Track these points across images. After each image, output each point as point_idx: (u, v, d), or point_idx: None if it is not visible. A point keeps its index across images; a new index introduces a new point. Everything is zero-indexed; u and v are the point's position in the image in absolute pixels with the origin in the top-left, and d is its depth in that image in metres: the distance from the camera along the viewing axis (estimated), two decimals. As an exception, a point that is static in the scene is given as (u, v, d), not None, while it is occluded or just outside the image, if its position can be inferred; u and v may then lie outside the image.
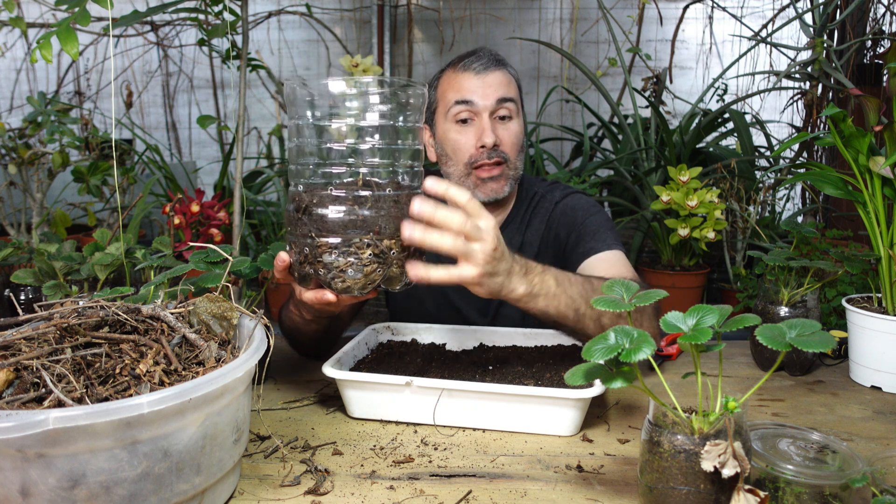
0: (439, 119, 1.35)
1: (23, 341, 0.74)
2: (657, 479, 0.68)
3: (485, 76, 1.30)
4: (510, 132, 1.32)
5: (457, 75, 1.33)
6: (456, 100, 1.30)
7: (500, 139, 1.30)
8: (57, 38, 1.02)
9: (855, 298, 1.25)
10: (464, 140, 1.31)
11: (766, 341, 0.66)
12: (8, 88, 3.71)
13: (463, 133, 1.31)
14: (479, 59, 1.31)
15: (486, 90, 1.29)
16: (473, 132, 1.30)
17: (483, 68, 1.31)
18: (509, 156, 1.31)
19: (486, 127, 1.28)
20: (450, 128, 1.32)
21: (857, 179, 1.19)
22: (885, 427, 1.00)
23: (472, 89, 1.30)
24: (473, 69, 1.31)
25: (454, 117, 1.31)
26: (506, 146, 1.31)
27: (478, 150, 1.30)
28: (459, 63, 1.34)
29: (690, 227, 2.31)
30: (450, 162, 1.34)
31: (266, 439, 0.94)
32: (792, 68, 2.65)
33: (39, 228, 1.99)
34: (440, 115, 1.35)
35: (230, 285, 0.93)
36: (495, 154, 1.29)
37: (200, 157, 3.86)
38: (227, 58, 1.65)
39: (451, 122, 1.32)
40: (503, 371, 1.06)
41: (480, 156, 1.29)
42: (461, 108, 1.30)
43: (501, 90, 1.30)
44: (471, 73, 1.31)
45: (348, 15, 3.73)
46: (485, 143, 1.28)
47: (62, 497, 0.61)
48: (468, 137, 1.31)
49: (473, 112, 1.30)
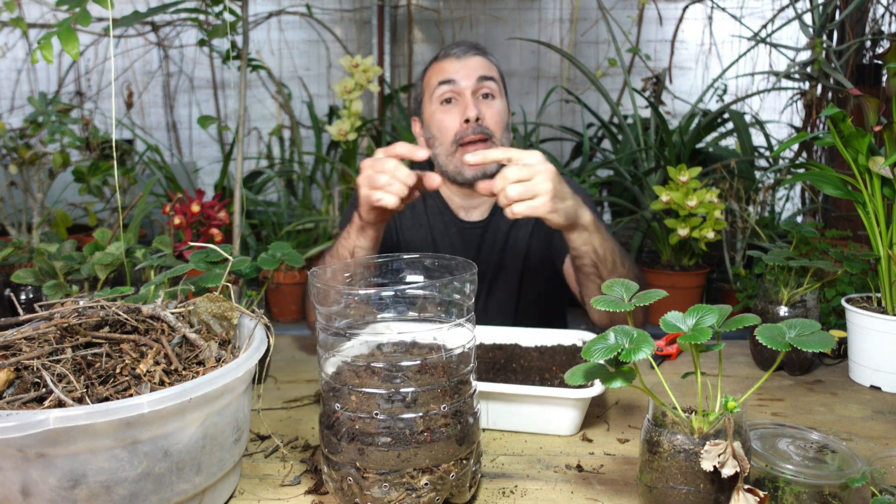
0: (426, 105, 1.41)
1: (23, 341, 0.74)
2: (657, 479, 0.68)
3: (465, 59, 1.38)
4: (493, 110, 1.37)
5: (439, 63, 1.40)
6: (439, 81, 1.37)
7: (483, 115, 1.35)
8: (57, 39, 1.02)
9: (854, 298, 1.25)
10: (448, 119, 1.36)
11: (765, 341, 0.66)
12: (9, 88, 3.70)
13: (448, 112, 1.37)
14: (458, 46, 1.40)
15: (467, 70, 1.36)
16: (457, 110, 1.36)
17: (463, 53, 1.38)
18: (493, 132, 1.36)
19: (469, 103, 1.34)
20: (435, 109, 1.38)
21: (856, 179, 1.19)
22: (885, 427, 1.00)
23: (453, 70, 1.37)
24: (454, 54, 1.39)
25: (439, 98, 1.37)
26: (489, 122, 1.35)
27: (462, 126, 1.34)
28: (441, 52, 1.42)
29: (690, 227, 2.30)
30: (437, 142, 1.39)
31: (266, 439, 0.94)
32: (791, 68, 2.65)
33: (40, 228, 1.99)
34: (426, 102, 1.41)
35: (230, 285, 0.93)
36: (480, 130, 1.34)
37: (201, 157, 3.86)
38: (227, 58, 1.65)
39: (437, 104, 1.38)
40: (503, 371, 1.06)
41: (465, 131, 1.34)
42: (444, 89, 1.36)
43: (482, 70, 1.37)
44: (452, 58, 1.39)
45: (348, 15, 3.73)
46: (468, 117, 1.33)
47: (63, 497, 0.61)
48: (452, 116, 1.36)
49: (456, 92, 1.36)
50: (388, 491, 0.71)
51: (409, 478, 0.71)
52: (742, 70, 3.45)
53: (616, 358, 0.66)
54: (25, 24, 1.44)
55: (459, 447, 0.73)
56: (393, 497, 0.71)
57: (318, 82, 3.79)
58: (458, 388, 0.75)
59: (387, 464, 0.71)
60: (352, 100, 2.76)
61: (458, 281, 0.77)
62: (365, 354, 0.78)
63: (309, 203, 3.08)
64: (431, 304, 0.77)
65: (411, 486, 0.71)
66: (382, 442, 0.71)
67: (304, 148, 3.46)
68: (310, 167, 3.21)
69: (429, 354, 0.75)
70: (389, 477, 0.71)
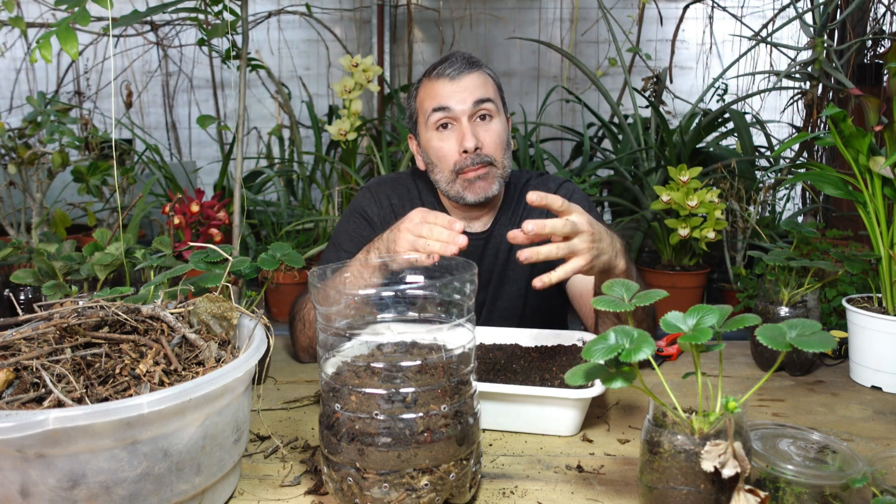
0: (421, 129, 1.37)
1: (23, 341, 0.74)
2: (657, 479, 0.68)
3: (458, 80, 1.31)
4: (491, 133, 1.32)
5: (432, 83, 1.34)
6: (433, 107, 1.31)
7: (482, 141, 1.31)
8: (56, 38, 1.02)
9: (855, 298, 1.25)
10: (447, 147, 1.32)
11: (766, 341, 0.66)
12: (7, 88, 3.70)
13: (444, 139, 1.32)
14: (451, 65, 1.32)
15: (462, 94, 1.30)
16: (455, 137, 1.31)
17: (457, 73, 1.31)
18: (494, 157, 1.32)
19: (466, 131, 1.29)
20: (432, 136, 1.33)
21: (857, 179, 1.19)
22: (886, 427, 1.00)
23: (447, 95, 1.31)
24: (447, 75, 1.32)
25: (434, 125, 1.32)
26: (488, 148, 1.32)
27: (461, 156, 1.31)
28: (433, 71, 1.35)
29: (690, 227, 2.30)
30: (436, 169, 1.35)
31: (266, 439, 0.94)
32: (792, 68, 2.65)
33: (39, 228, 1.99)
34: (421, 124, 1.36)
35: (230, 285, 0.93)
36: (479, 159, 1.30)
37: (200, 157, 3.86)
38: (227, 58, 1.65)
39: (433, 130, 1.33)
40: (503, 371, 1.06)
41: (464, 161, 1.30)
42: (439, 116, 1.31)
43: (478, 92, 1.31)
44: (445, 79, 1.32)
45: (348, 15, 3.73)
46: (466, 148, 1.29)
47: (62, 497, 0.61)
48: (450, 143, 1.31)
49: (452, 118, 1.31)
50: (388, 491, 0.71)
51: (409, 478, 0.71)
52: (743, 70, 3.45)
53: (616, 358, 0.66)
54: (24, 24, 1.44)
55: (459, 447, 0.73)
56: (393, 497, 0.71)
57: (317, 82, 3.78)
58: (458, 388, 0.75)
59: (387, 464, 0.71)
60: (351, 99, 2.76)
61: (458, 281, 0.77)
62: (365, 355, 0.78)
63: (308, 203, 3.08)
64: (431, 305, 0.77)
65: (411, 487, 0.71)
66: (382, 442, 0.71)
67: (304, 148, 3.46)
68: (309, 167, 3.21)
69: (429, 355, 0.75)
70: (389, 477, 0.71)
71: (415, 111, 1.39)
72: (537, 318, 1.48)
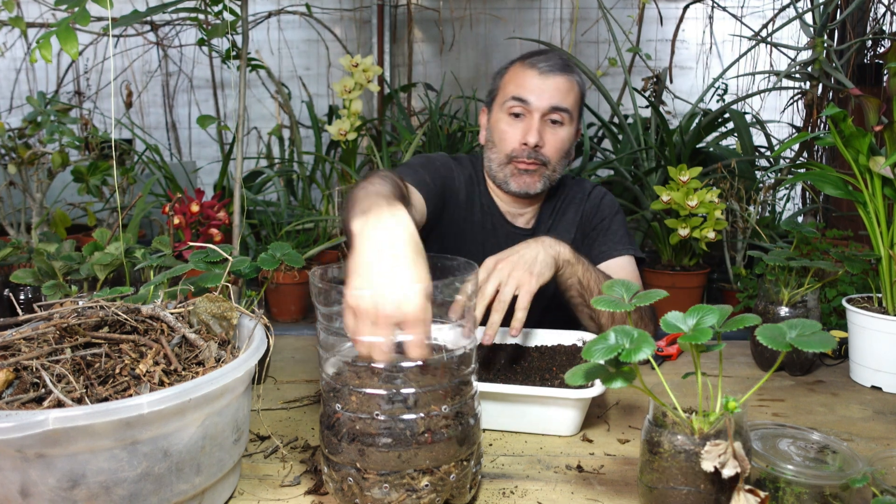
0: (496, 106, 1.40)
1: (22, 341, 0.74)
2: (657, 480, 0.68)
3: (546, 78, 1.33)
4: (557, 137, 1.35)
5: (522, 70, 1.36)
6: (513, 95, 1.35)
7: (545, 141, 1.34)
8: (56, 38, 1.02)
9: (855, 298, 1.25)
10: (511, 132, 1.35)
11: (766, 341, 0.66)
12: (7, 88, 3.70)
13: (512, 126, 1.35)
14: (546, 60, 1.35)
15: (544, 93, 1.33)
16: (522, 127, 1.35)
17: (548, 70, 1.34)
18: (550, 159, 1.36)
19: (534, 127, 1.32)
20: (502, 118, 1.37)
21: (857, 179, 1.19)
22: (886, 427, 1.00)
23: (530, 88, 1.33)
24: (539, 68, 1.34)
25: (508, 109, 1.36)
26: (548, 150, 1.35)
27: (521, 146, 1.34)
28: (529, 58, 1.37)
29: (690, 226, 2.30)
30: (494, 148, 1.39)
31: (266, 439, 0.94)
32: (792, 68, 2.65)
33: (39, 228, 1.99)
34: (497, 103, 1.40)
35: (230, 285, 0.93)
36: (535, 156, 1.34)
37: (200, 157, 3.86)
38: (227, 58, 1.65)
39: (505, 113, 1.36)
40: (504, 371, 1.06)
41: (521, 152, 1.34)
42: (515, 104, 1.34)
43: (558, 97, 1.33)
44: (535, 71, 1.34)
45: (348, 15, 3.73)
46: (527, 141, 1.32)
47: (62, 497, 0.61)
48: (515, 131, 1.35)
49: (526, 110, 1.34)
50: (389, 492, 0.71)
51: (410, 479, 0.71)
52: (743, 70, 3.45)
53: (616, 358, 0.66)
54: (24, 24, 1.44)
55: (460, 448, 0.73)
56: (393, 498, 0.71)
57: (317, 82, 3.78)
58: (459, 388, 0.75)
59: (387, 465, 0.70)
60: (351, 99, 2.76)
61: (460, 282, 0.76)
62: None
63: (308, 203, 3.08)
64: (432, 305, 0.77)
65: (412, 487, 0.71)
66: (383, 443, 0.71)
67: (304, 148, 3.46)
68: (309, 167, 3.21)
69: (430, 355, 0.75)
70: (390, 478, 0.71)
71: (496, 89, 1.42)
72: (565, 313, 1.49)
